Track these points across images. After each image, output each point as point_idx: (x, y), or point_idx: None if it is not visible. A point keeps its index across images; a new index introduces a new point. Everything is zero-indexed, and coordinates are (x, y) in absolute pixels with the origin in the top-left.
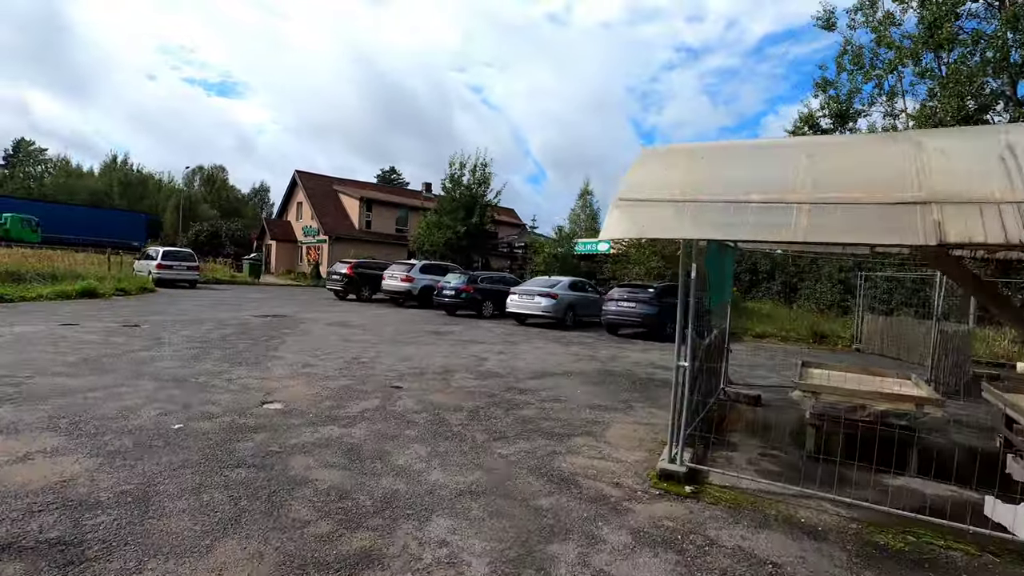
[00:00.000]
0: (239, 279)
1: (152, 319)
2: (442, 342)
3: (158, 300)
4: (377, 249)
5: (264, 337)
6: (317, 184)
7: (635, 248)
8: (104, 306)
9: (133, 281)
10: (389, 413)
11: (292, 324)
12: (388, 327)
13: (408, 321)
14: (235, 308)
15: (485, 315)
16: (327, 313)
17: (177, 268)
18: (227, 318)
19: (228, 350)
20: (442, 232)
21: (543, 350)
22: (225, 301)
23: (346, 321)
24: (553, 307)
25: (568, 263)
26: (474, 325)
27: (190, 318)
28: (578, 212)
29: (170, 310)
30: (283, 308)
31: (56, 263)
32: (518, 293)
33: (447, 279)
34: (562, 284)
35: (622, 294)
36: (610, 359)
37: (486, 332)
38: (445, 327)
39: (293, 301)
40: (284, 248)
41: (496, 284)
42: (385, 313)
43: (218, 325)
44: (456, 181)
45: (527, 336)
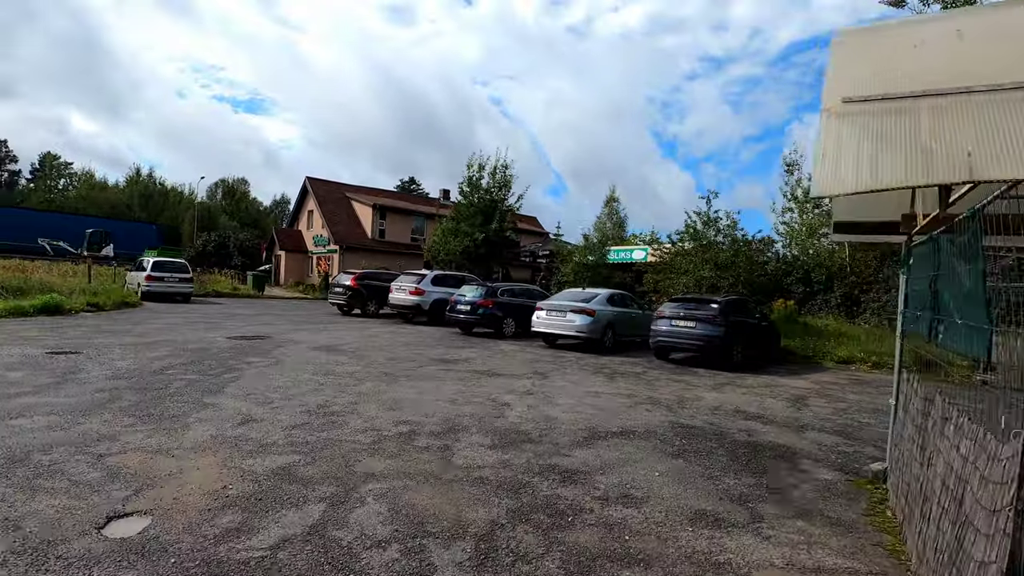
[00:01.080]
0: (242, 292)
1: (99, 342)
2: (450, 375)
3: (131, 317)
4: (391, 260)
5: (218, 369)
6: (328, 191)
7: (681, 256)
8: (57, 325)
9: (111, 294)
10: (329, 546)
11: (267, 349)
12: (384, 352)
13: (413, 343)
14: (213, 327)
15: (506, 334)
16: (318, 333)
17: (168, 280)
18: (192, 341)
19: (153, 392)
20: (459, 240)
21: (583, 386)
22: (209, 318)
23: (336, 344)
24: (589, 326)
25: (600, 273)
26: (493, 348)
27: (147, 341)
28: (604, 220)
29: (134, 330)
30: (271, 326)
31: (31, 275)
32: (546, 309)
33: (462, 292)
34: (599, 298)
35: (676, 311)
36: (678, 403)
37: (508, 359)
38: (457, 351)
39: (288, 317)
40: (294, 259)
41: (519, 298)
42: (388, 332)
43: (173, 351)
44: (474, 185)
45: (559, 364)
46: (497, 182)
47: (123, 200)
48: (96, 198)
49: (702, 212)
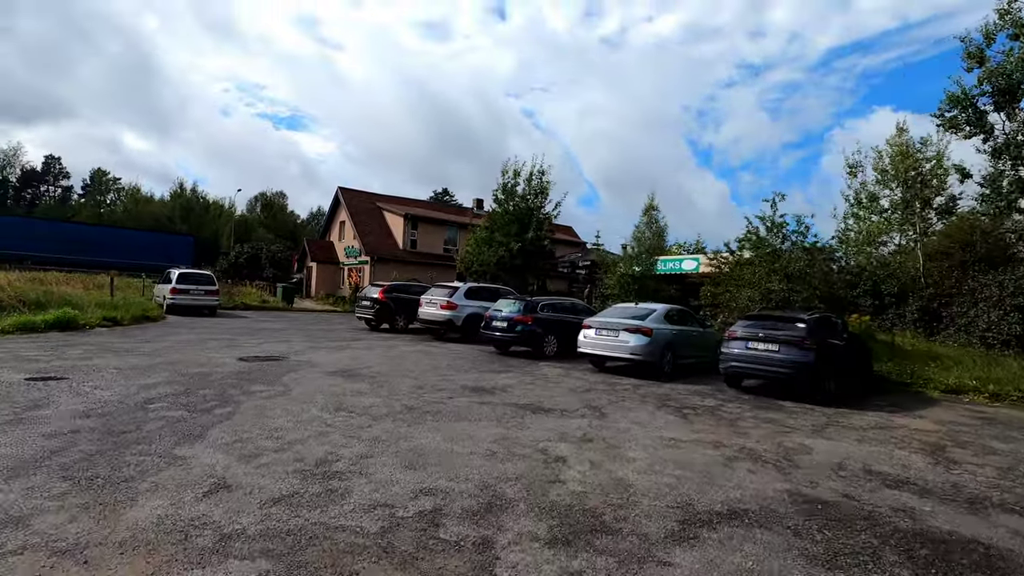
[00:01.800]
0: (271, 304)
1: (95, 364)
2: (486, 412)
3: (145, 334)
4: (422, 271)
5: (212, 402)
6: (360, 201)
7: (746, 265)
8: (63, 342)
9: (131, 308)
10: None
11: (277, 373)
12: (410, 378)
13: (442, 366)
14: (228, 344)
15: (547, 355)
16: (339, 352)
17: (194, 293)
18: (198, 363)
19: (117, 439)
20: (493, 250)
21: (654, 430)
22: (229, 333)
23: (356, 367)
24: (646, 348)
25: (647, 286)
26: (534, 372)
27: (149, 363)
28: (643, 229)
29: (141, 349)
30: (290, 344)
31: (52, 288)
32: (595, 327)
33: (498, 306)
34: (656, 315)
35: (753, 330)
36: (783, 457)
37: (552, 387)
38: (492, 377)
39: (311, 333)
40: (325, 270)
41: (562, 314)
42: (415, 352)
43: (171, 376)
44: (509, 192)
45: (615, 394)
46: (533, 189)
47: (166, 213)
48: (141, 212)
49: (766, 216)
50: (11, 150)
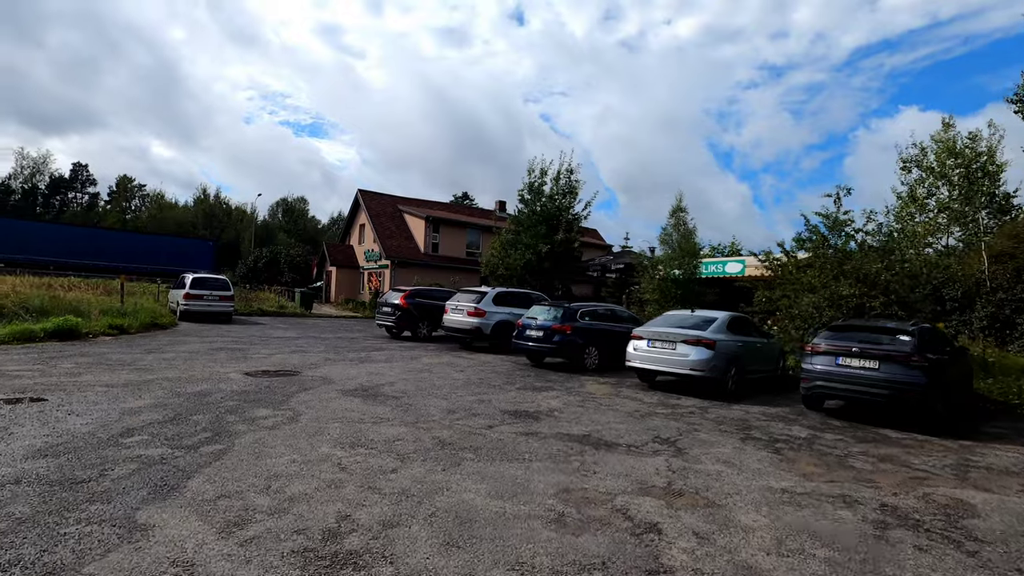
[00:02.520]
0: (289, 310)
1: (85, 381)
2: (536, 446)
3: (150, 343)
4: (444, 275)
5: (203, 434)
6: (380, 204)
7: (807, 268)
8: (58, 353)
9: (141, 315)
10: None
11: (286, 393)
12: (439, 398)
13: (474, 381)
14: (237, 356)
15: (588, 367)
16: (358, 365)
17: (208, 299)
18: (199, 379)
19: (68, 493)
20: (519, 252)
21: (752, 475)
22: (240, 342)
23: (376, 384)
24: (708, 362)
25: (691, 290)
26: (578, 390)
27: (144, 379)
28: (670, 232)
29: (140, 361)
30: (305, 354)
31: (62, 294)
32: (647, 338)
33: (532, 314)
34: (718, 324)
35: (843, 344)
36: (952, 524)
37: (606, 410)
38: (534, 396)
39: (329, 342)
40: (345, 275)
41: (603, 322)
42: (442, 364)
43: (164, 397)
44: (536, 192)
45: (684, 421)
46: (561, 188)
47: (189, 219)
48: (165, 217)
49: (829, 213)
50: (40, 158)
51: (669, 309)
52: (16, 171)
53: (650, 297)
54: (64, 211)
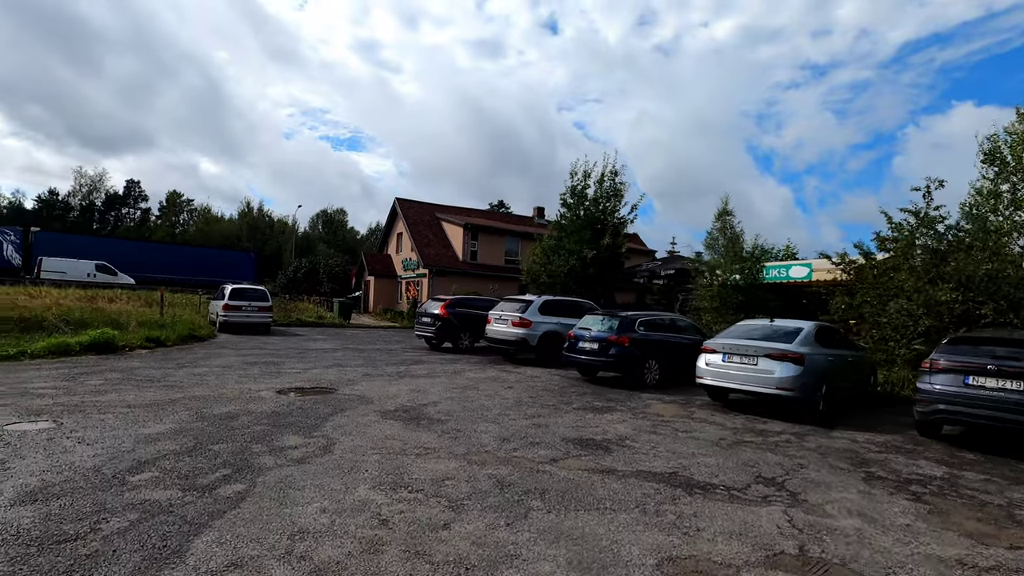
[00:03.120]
0: (327, 320)
1: (106, 401)
2: (617, 494)
3: (184, 357)
4: (483, 283)
5: (221, 471)
6: (418, 212)
7: (896, 271)
8: (90, 369)
9: (179, 327)
10: None
11: (319, 415)
12: (489, 421)
13: (526, 401)
14: (271, 371)
15: (649, 383)
16: (397, 381)
17: (247, 310)
18: (228, 398)
19: (49, 555)
20: (563, 259)
21: (905, 535)
22: (276, 355)
23: (418, 404)
24: (797, 379)
25: (755, 297)
26: (646, 412)
27: (170, 398)
28: (716, 236)
29: (171, 377)
30: (342, 368)
31: (104, 306)
32: (722, 352)
33: (585, 324)
34: (805, 335)
35: (973, 360)
36: None
37: (686, 439)
38: (598, 420)
39: (367, 354)
40: (383, 284)
41: (664, 332)
42: (487, 380)
43: (187, 420)
44: (579, 195)
45: (783, 452)
46: (605, 191)
47: (234, 232)
48: (211, 230)
49: (919, 209)
50: (97, 176)
51: (729, 318)
52: (75, 189)
53: (707, 305)
54: (118, 226)
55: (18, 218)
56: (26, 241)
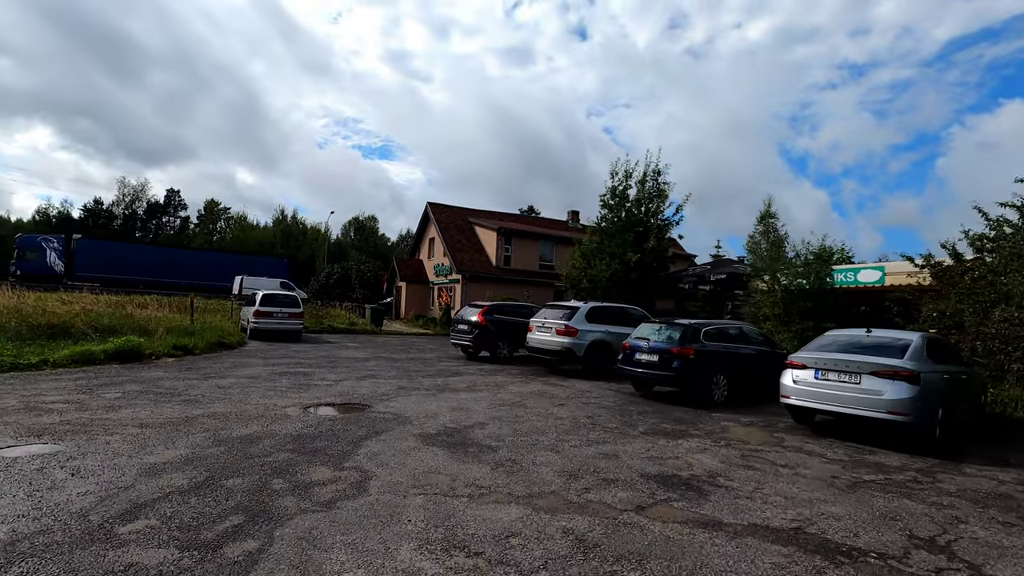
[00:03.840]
0: (359, 326)
1: (118, 419)
2: (735, 563)
3: (211, 366)
4: (517, 289)
5: (233, 519)
6: (450, 217)
7: (993, 276)
8: (111, 379)
9: (208, 334)
10: None
11: (352, 439)
12: (546, 448)
13: (583, 422)
14: (299, 383)
15: (717, 400)
16: (436, 398)
17: (278, 316)
18: (251, 416)
19: None
20: (604, 263)
21: None
22: (305, 364)
23: (462, 427)
24: (912, 402)
25: (825, 303)
26: (727, 438)
27: (189, 415)
28: (758, 239)
29: (194, 389)
30: (375, 380)
31: (135, 312)
32: (816, 367)
33: (641, 334)
34: (915, 349)
35: None
36: None
37: (791, 475)
38: (672, 449)
39: (400, 364)
40: (415, 290)
41: (734, 344)
42: (534, 394)
43: (199, 447)
44: (620, 196)
45: (922, 500)
46: (648, 192)
47: (268, 239)
48: (247, 238)
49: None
50: (139, 186)
51: (794, 327)
52: (119, 198)
53: (768, 312)
54: (159, 233)
55: (66, 226)
56: (68, 248)
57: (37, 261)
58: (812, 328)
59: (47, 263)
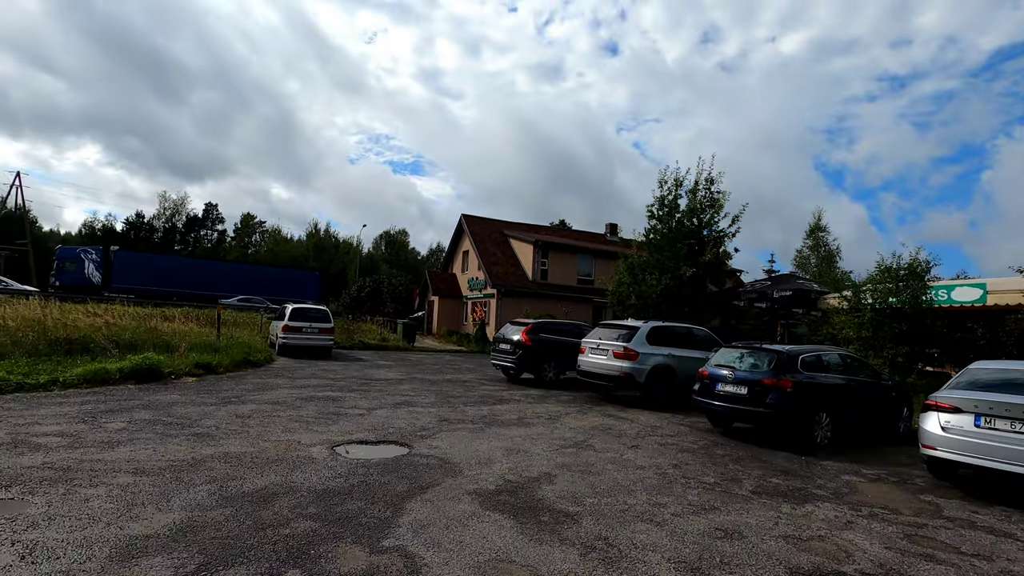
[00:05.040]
0: (391, 342)
1: (111, 460)
2: None
3: (233, 388)
4: (554, 305)
5: None
6: (485, 229)
7: None
8: (119, 404)
9: (233, 351)
10: None
11: (389, 502)
12: (646, 523)
13: (672, 475)
14: (327, 412)
15: (820, 442)
16: (485, 432)
17: (307, 332)
18: (266, 460)
19: None
20: (655, 278)
21: None
22: (335, 387)
23: (525, 479)
24: None
25: (923, 324)
26: (871, 507)
27: (192, 459)
28: (807, 254)
29: (210, 418)
30: (411, 411)
31: (160, 325)
32: (976, 412)
33: (722, 361)
34: None
35: None
36: None
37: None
38: (805, 520)
39: (437, 387)
40: (448, 304)
41: (837, 375)
42: (598, 430)
43: (199, 509)
44: (670, 207)
45: None
46: (701, 202)
47: (302, 252)
48: (280, 251)
49: None
50: (179, 200)
51: (886, 350)
52: (159, 212)
53: (852, 334)
54: (197, 246)
55: (110, 239)
56: (106, 259)
57: (76, 272)
58: (907, 354)
59: (85, 274)
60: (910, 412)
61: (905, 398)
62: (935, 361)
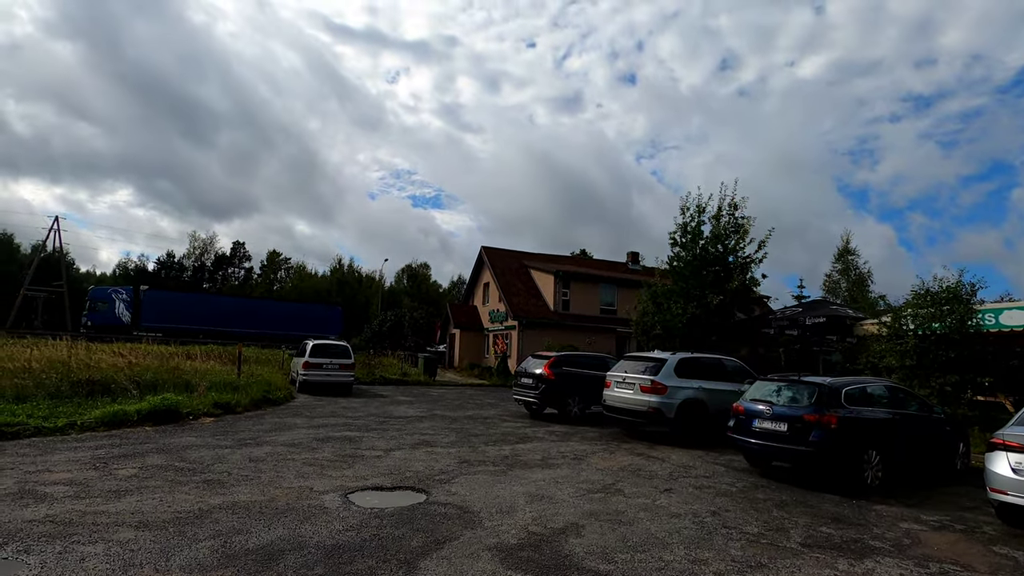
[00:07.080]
0: (412, 377)
1: (114, 513)
2: None
3: (250, 429)
4: (577, 336)
5: None
6: (505, 261)
7: None
8: (134, 448)
9: (252, 389)
10: None
11: (404, 559)
12: None
13: (711, 525)
14: (344, 454)
15: (871, 484)
16: (507, 476)
17: (328, 368)
18: (276, 511)
19: None
20: (680, 306)
21: None
22: (352, 427)
23: (551, 532)
24: None
25: (972, 350)
26: (940, 562)
27: (198, 510)
28: (836, 278)
29: (220, 463)
30: (430, 452)
31: (181, 363)
32: None
33: (758, 395)
34: None
35: None
36: None
37: None
38: None
39: (458, 424)
40: (469, 337)
41: (885, 410)
42: (629, 474)
43: (204, 567)
44: (694, 233)
45: None
46: (725, 228)
47: (325, 287)
48: (304, 287)
49: None
50: (208, 239)
51: (933, 380)
52: (189, 251)
53: (895, 363)
54: (225, 283)
55: (141, 279)
56: (136, 299)
57: (107, 312)
58: (956, 383)
59: (115, 314)
60: (967, 447)
61: (961, 432)
62: (986, 390)
